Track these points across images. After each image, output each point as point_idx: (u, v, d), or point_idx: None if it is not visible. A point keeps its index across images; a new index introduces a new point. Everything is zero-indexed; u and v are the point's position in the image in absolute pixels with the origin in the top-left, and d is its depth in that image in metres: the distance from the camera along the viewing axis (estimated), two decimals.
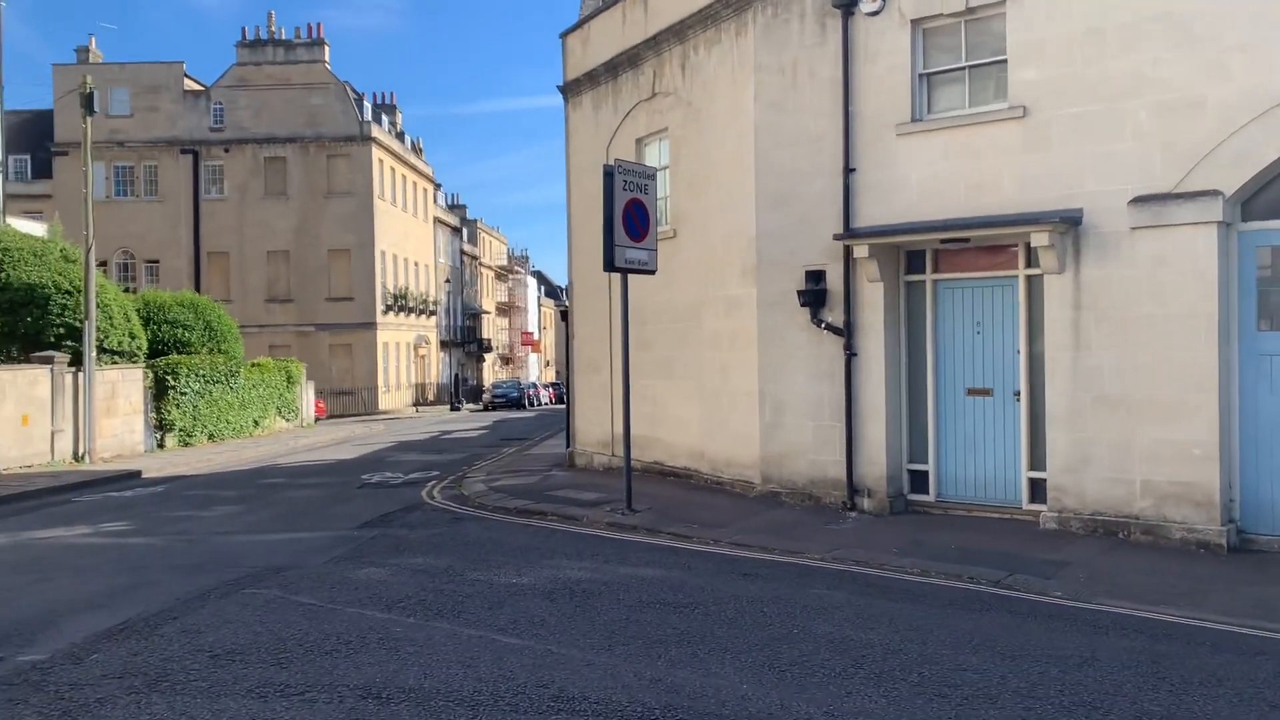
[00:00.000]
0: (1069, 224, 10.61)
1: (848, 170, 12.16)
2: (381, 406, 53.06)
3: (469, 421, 41.50)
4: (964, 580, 8.93)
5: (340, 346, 53.24)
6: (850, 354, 12.25)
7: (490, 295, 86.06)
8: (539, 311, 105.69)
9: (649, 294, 14.97)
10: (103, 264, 53.73)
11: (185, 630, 7.05)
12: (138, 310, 29.69)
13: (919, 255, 12.27)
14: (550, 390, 70.02)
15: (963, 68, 11.65)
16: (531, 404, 60.18)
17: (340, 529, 12.19)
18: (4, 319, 22.72)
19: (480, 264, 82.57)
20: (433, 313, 63.48)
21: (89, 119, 24.16)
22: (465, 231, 78.25)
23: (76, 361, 23.19)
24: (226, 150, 53.14)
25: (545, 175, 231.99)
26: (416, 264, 61.21)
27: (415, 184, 62.09)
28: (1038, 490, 11.39)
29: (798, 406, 12.82)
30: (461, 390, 60.20)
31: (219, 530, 12.53)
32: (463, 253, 75.56)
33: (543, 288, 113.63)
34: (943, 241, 11.69)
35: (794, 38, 12.73)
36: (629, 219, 12.35)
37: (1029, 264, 11.44)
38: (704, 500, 13.28)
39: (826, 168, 12.43)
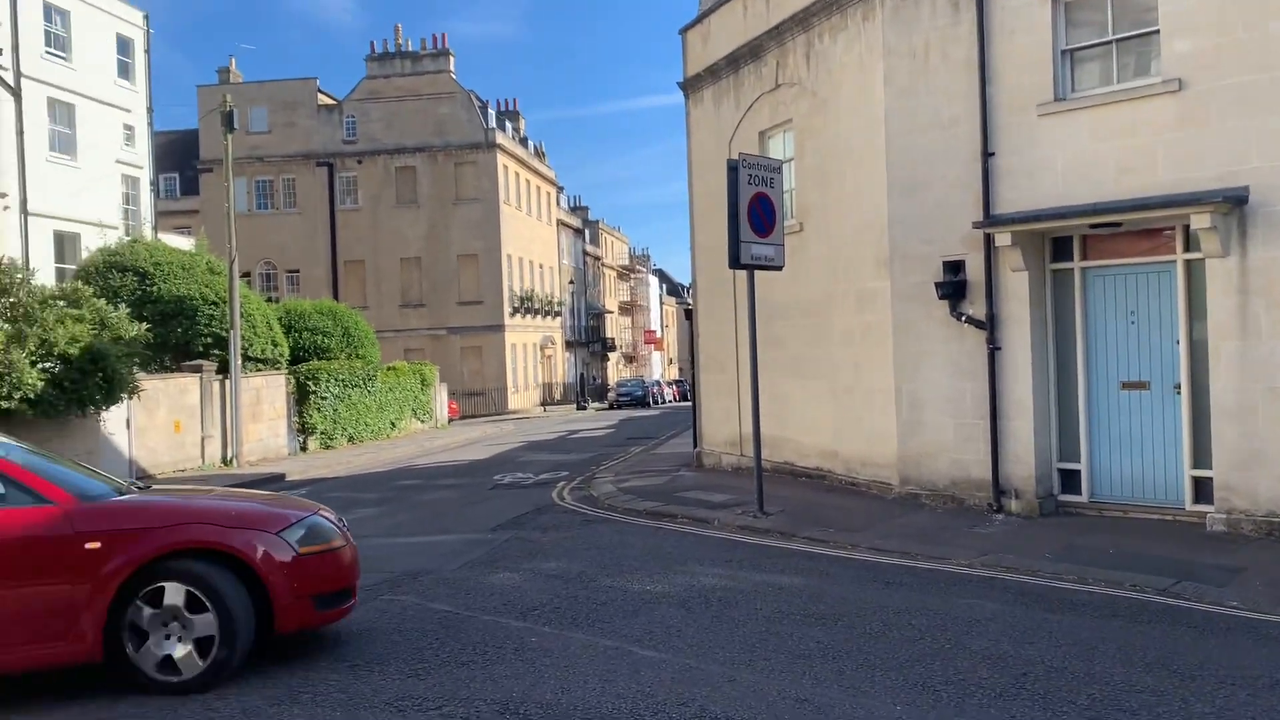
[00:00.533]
0: (1233, 203, 9.82)
1: (986, 154, 11.56)
2: (510, 406, 53.97)
3: (595, 421, 41.77)
4: (1126, 588, 8.33)
5: (470, 349, 54.37)
6: (993, 348, 11.65)
7: (613, 295, 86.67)
8: (661, 310, 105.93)
9: (775, 290, 14.61)
10: (246, 275, 56.17)
11: (324, 639, 7.11)
12: (279, 319, 30.89)
13: (1065, 242, 11.59)
14: (674, 388, 70.00)
15: (1109, 41, 10.93)
16: (656, 402, 60.27)
17: (474, 532, 12.26)
18: (156, 330, 23.84)
19: (602, 264, 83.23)
20: (558, 314, 64.25)
21: (229, 136, 25.19)
22: (587, 233, 79.01)
23: (223, 370, 24.22)
24: (359, 161, 54.92)
25: (665, 174, 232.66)
26: (541, 266, 62.05)
27: (539, 188, 62.95)
28: (1202, 490, 10.60)
29: (937, 404, 12.28)
30: (587, 389, 60.77)
31: (359, 533, 12.68)
32: (585, 254, 76.29)
33: (664, 286, 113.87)
34: (1092, 227, 11.00)
35: (924, 19, 12.19)
36: (754, 214, 12.04)
37: (1188, 248, 10.65)
38: (838, 502, 12.87)
39: (963, 153, 11.86)
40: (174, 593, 5.91)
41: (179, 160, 58.81)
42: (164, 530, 6.03)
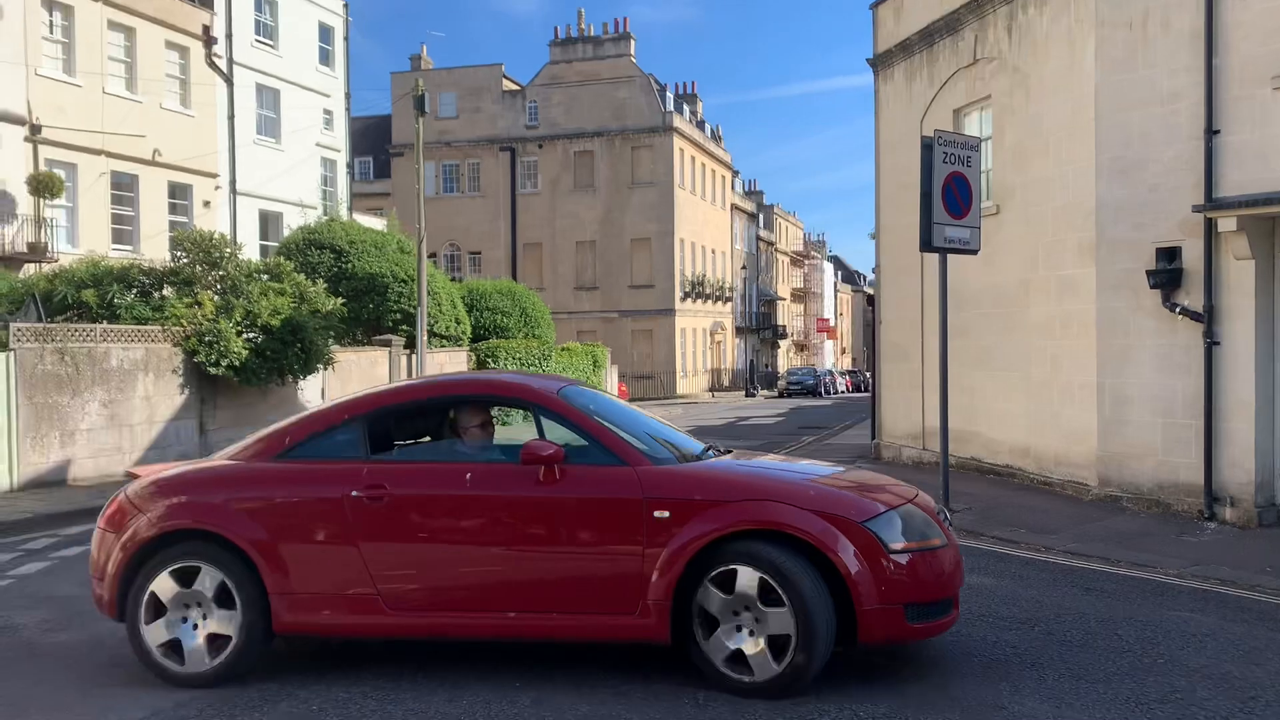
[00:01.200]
0: None
1: (1210, 132, 10.62)
2: (679, 391, 54.16)
3: (764, 408, 41.36)
4: None
5: (641, 332, 54.83)
6: (1211, 342, 10.72)
7: (786, 281, 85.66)
8: (835, 297, 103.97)
9: (966, 276, 13.94)
10: (432, 255, 58.45)
11: None
12: (462, 298, 31.94)
13: None
14: (847, 378, 68.64)
15: None
16: (827, 392, 59.24)
17: None
18: (349, 305, 25.03)
19: (776, 250, 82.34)
20: (728, 299, 63.99)
21: (420, 119, 26.12)
22: (761, 217, 78.26)
23: (410, 345, 25.19)
24: (540, 146, 56.12)
25: (842, 158, 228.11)
26: (713, 251, 61.90)
27: (714, 171, 62.76)
28: None
29: (1143, 401, 11.42)
30: (756, 376, 60.34)
31: None
32: (758, 239, 75.63)
33: (839, 273, 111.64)
34: None
35: None
36: (949, 194, 11.45)
37: None
38: (1029, 502, 12.17)
39: (1183, 130, 10.94)
40: (747, 579, 5.16)
41: (373, 144, 61.69)
42: (736, 505, 5.28)
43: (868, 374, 77.10)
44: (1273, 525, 10.48)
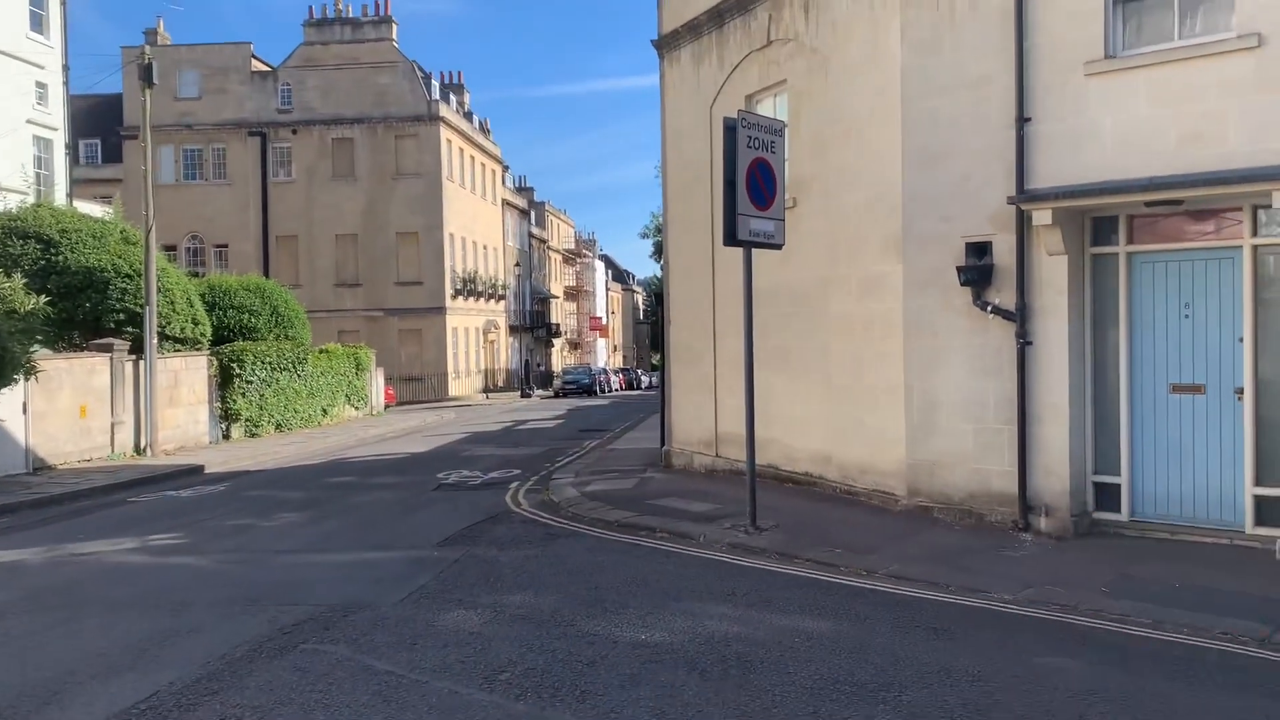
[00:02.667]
0: None
1: (1022, 120, 10.02)
2: (451, 393, 51.82)
3: (541, 410, 39.93)
4: (1217, 637, 6.88)
5: (409, 332, 52.06)
6: (1024, 342, 10.13)
7: (558, 279, 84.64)
8: (607, 296, 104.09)
9: (762, 274, 12.94)
10: (171, 248, 53.41)
11: (225, 716, 5.31)
12: (202, 295, 28.52)
13: (1108, 223, 10.11)
14: (620, 376, 68.40)
15: None
16: (603, 390, 58.56)
17: (419, 547, 10.45)
18: (60, 304, 21.50)
19: (548, 247, 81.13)
20: (502, 297, 62.11)
21: (148, 92, 22.80)
22: (533, 214, 76.78)
23: (137, 349, 21.95)
24: (294, 132, 52.16)
25: (611, 158, 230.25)
26: (485, 247, 59.84)
27: (484, 165, 60.66)
28: (1266, 511, 9.24)
29: (954, 405, 10.75)
30: (532, 376, 58.80)
31: (280, 546, 10.89)
32: (531, 236, 74.13)
33: (610, 272, 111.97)
34: (1148, 205, 9.52)
35: None
36: (753, 183, 10.37)
37: (1256, 231, 9.25)
38: (839, 515, 11.29)
39: (993, 118, 10.31)
40: None
41: (102, 127, 55.44)
42: None
43: (639, 371, 77.69)
44: (1087, 534, 10.01)
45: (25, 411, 18.73)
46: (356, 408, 34.97)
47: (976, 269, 10.42)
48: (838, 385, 12.29)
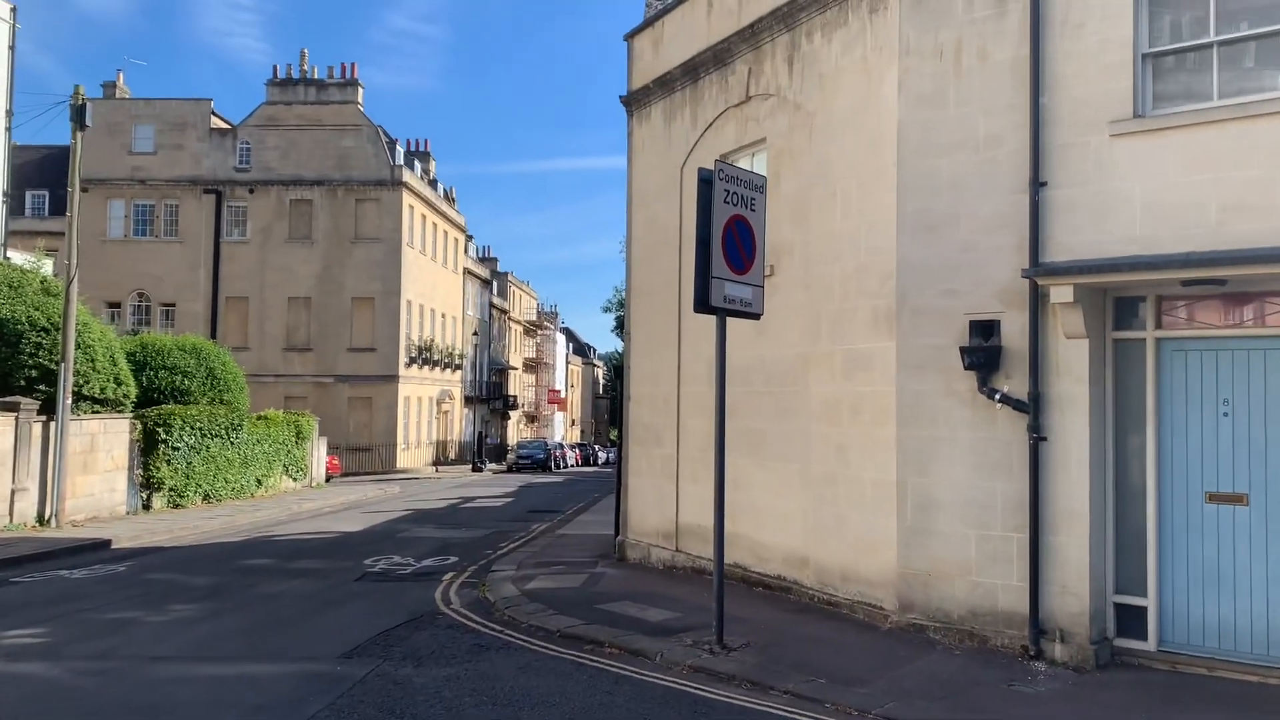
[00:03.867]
0: None
1: (1036, 184, 8.81)
2: (400, 465, 49.75)
3: (492, 486, 38.05)
4: None
5: (359, 399, 50.12)
6: (1037, 437, 8.77)
7: (518, 351, 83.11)
8: (567, 369, 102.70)
9: (735, 348, 11.56)
10: (116, 305, 51.38)
11: None
12: (132, 354, 26.69)
13: (1132, 304, 8.86)
14: (577, 452, 66.59)
15: (1210, 44, 8.35)
16: (558, 466, 56.70)
17: (320, 659, 8.75)
18: None
19: (509, 318, 79.77)
20: (458, 367, 60.40)
21: (79, 134, 21.25)
22: (495, 284, 75.57)
23: (49, 409, 20.07)
24: (251, 191, 50.73)
25: (577, 235, 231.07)
26: (444, 315, 58.31)
27: (446, 232, 59.46)
28: None
29: (955, 506, 9.33)
30: (484, 450, 56.78)
31: (157, 651, 9.13)
32: (492, 306, 72.80)
33: (571, 345, 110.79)
34: (1184, 284, 8.27)
35: (958, 9, 9.49)
36: (729, 243, 9.04)
37: None
38: (819, 632, 9.73)
39: (1003, 180, 9.10)
40: None
41: (51, 178, 53.69)
42: None
43: (596, 447, 75.79)
44: (1109, 666, 8.55)
45: None
46: (295, 479, 32.95)
47: (983, 351, 9.10)
48: (818, 476, 10.84)
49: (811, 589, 10.89)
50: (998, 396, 9.04)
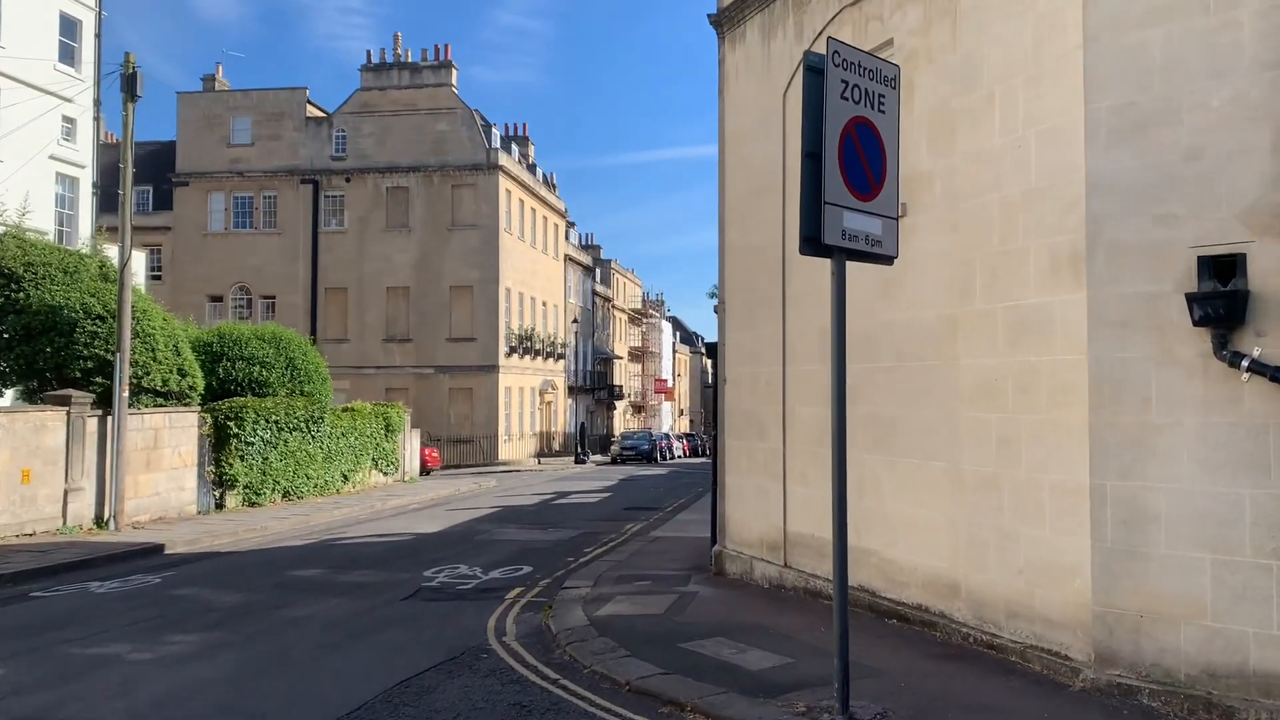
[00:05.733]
0: None
1: None
2: (501, 457, 48.22)
3: (592, 479, 35.97)
4: None
5: (460, 390, 48.78)
6: None
7: (623, 340, 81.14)
8: (674, 358, 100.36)
9: (854, 313, 8.98)
10: (218, 299, 51.19)
11: None
12: (208, 344, 25.41)
13: None
14: (684, 442, 64.27)
15: None
16: (663, 457, 54.45)
17: None
18: (20, 348, 18.40)
19: (613, 306, 77.82)
20: (560, 356, 58.67)
21: (131, 105, 19.79)
22: (598, 271, 73.68)
23: (103, 402, 18.70)
24: (348, 180, 49.86)
25: (682, 225, 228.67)
26: (545, 304, 56.61)
27: (545, 218, 57.72)
28: None
29: (1180, 521, 6.58)
30: (587, 441, 54.92)
31: (102, 713, 7.11)
32: (595, 293, 70.93)
33: (678, 333, 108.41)
34: None
35: None
36: (850, 156, 6.47)
37: None
38: (981, 692, 7.08)
39: (1248, 53, 6.31)
40: None
41: (155, 174, 53.87)
42: None
43: (705, 436, 72.86)
44: None
45: None
46: (385, 473, 31.45)
47: (1220, 299, 6.33)
48: (972, 477, 8.18)
49: (964, 625, 8.24)
50: (1245, 363, 6.26)
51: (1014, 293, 7.75)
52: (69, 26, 31.39)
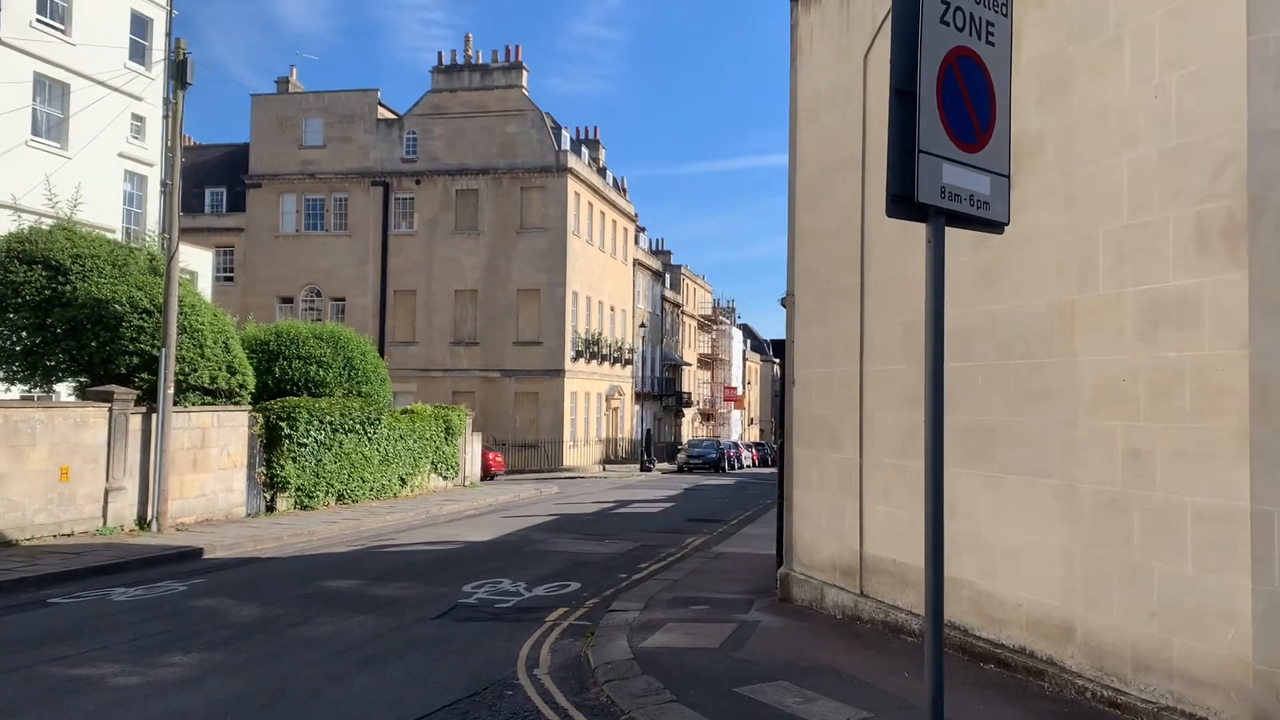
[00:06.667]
0: None
1: None
2: (566, 462, 47.34)
3: (656, 488, 34.77)
4: None
5: (525, 395, 48.06)
6: None
7: (692, 346, 79.84)
8: (744, 366, 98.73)
9: (946, 301, 7.72)
10: (288, 300, 51.23)
11: None
12: (265, 343, 24.90)
13: None
14: (753, 451, 62.61)
15: None
16: (731, 466, 52.96)
17: None
18: (66, 342, 17.87)
19: (682, 312, 76.59)
20: (628, 361, 57.63)
21: (180, 93, 19.19)
22: (668, 277, 72.57)
23: (146, 399, 18.08)
24: (418, 182, 49.54)
25: (752, 235, 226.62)
26: (612, 308, 55.64)
27: (614, 222, 56.78)
28: None
29: None
30: (653, 448, 53.67)
31: None
32: (663, 299, 69.77)
33: (749, 341, 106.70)
34: None
35: None
36: (951, 95, 5.17)
37: None
38: None
39: None
40: None
41: (229, 176, 54.36)
42: None
43: (775, 446, 70.40)
44: None
45: None
46: (445, 477, 30.65)
47: None
48: (1092, 497, 6.78)
49: (1079, 676, 6.83)
50: None
51: (1148, 274, 6.34)
52: (140, 24, 31.35)
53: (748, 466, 56.88)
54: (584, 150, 56.41)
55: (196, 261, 33.71)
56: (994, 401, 7.80)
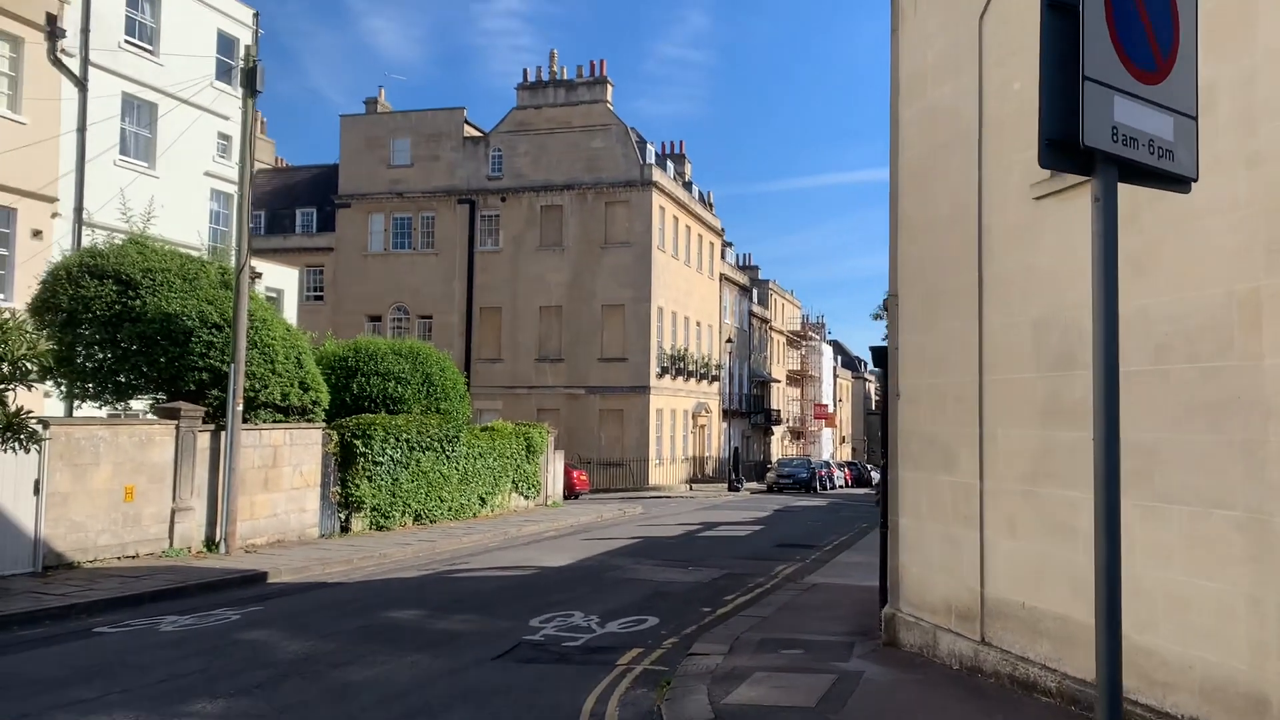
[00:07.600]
0: None
1: None
2: (652, 481, 46.21)
3: (744, 508, 33.36)
4: None
5: (610, 412, 47.15)
6: None
7: (780, 363, 78.08)
8: (835, 383, 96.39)
9: (1073, 288, 6.36)
10: (377, 318, 51.38)
11: None
12: (344, 359, 24.39)
13: None
14: (846, 471, 60.67)
15: None
16: (823, 486, 51.20)
17: None
18: (135, 358, 17.45)
19: (771, 328, 74.96)
20: (715, 378, 56.32)
21: (250, 101, 18.76)
22: (755, 292, 71.09)
23: (215, 416, 17.55)
24: (503, 199, 49.21)
25: (841, 251, 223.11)
26: (699, 324, 54.46)
27: (700, 236, 55.67)
28: None
29: None
30: (741, 467, 52.21)
31: None
32: (751, 314, 68.31)
33: (840, 358, 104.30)
34: None
35: None
36: (1122, 8, 3.89)
37: None
38: None
39: None
40: None
41: (319, 196, 54.91)
42: None
43: (869, 466, 68.02)
44: None
45: (38, 491, 14.40)
46: (527, 496, 29.78)
47: None
48: None
49: None
50: None
51: None
52: (226, 44, 31.42)
53: (840, 486, 55.02)
54: (669, 165, 55.52)
55: (283, 280, 33.68)
56: (1149, 414, 6.39)
